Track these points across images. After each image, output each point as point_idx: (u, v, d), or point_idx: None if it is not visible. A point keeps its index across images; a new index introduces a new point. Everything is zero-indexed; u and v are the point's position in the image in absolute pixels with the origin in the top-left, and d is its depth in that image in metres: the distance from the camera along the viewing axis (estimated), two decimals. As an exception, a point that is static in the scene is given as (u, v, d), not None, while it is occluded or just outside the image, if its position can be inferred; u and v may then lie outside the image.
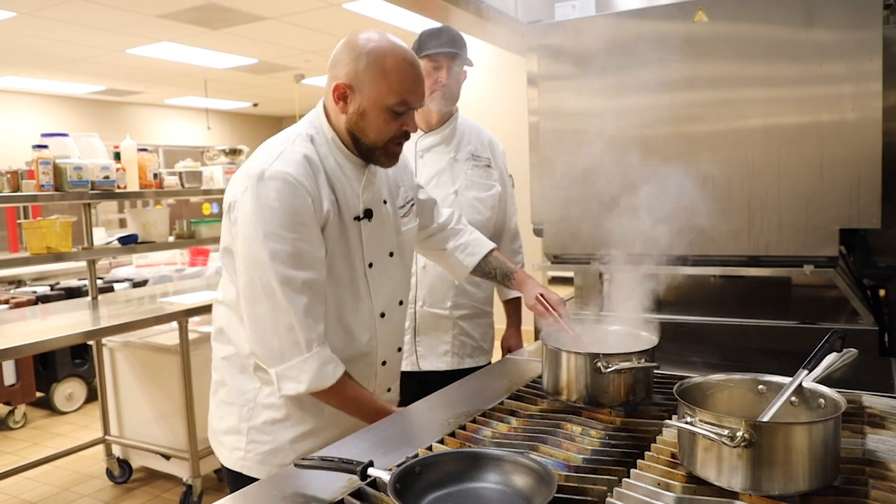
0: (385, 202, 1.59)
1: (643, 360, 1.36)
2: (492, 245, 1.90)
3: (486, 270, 1.88)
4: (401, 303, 1.67)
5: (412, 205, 1.71)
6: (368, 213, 1.52)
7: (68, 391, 4.78)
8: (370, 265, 1.53)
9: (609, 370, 1.33)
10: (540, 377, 1.62)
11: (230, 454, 1.53)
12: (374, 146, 1.47)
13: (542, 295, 1.73)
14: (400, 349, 1.71)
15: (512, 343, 2.43)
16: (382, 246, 1.57)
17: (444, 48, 2.11)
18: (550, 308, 1.68)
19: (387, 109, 1.42)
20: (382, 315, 1.59)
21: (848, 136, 1.87)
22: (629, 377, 1.36)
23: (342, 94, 1.43)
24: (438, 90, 2.15)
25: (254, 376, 1.50)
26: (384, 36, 1.43)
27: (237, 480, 1.52)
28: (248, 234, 1.38)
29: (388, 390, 1.68)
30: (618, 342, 1.53)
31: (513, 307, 2.46)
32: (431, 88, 2.15)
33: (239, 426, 1.51)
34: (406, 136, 1.48)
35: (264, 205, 1.36)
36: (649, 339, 1.48)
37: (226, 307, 1.54)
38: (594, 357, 1.35)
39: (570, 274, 2.44)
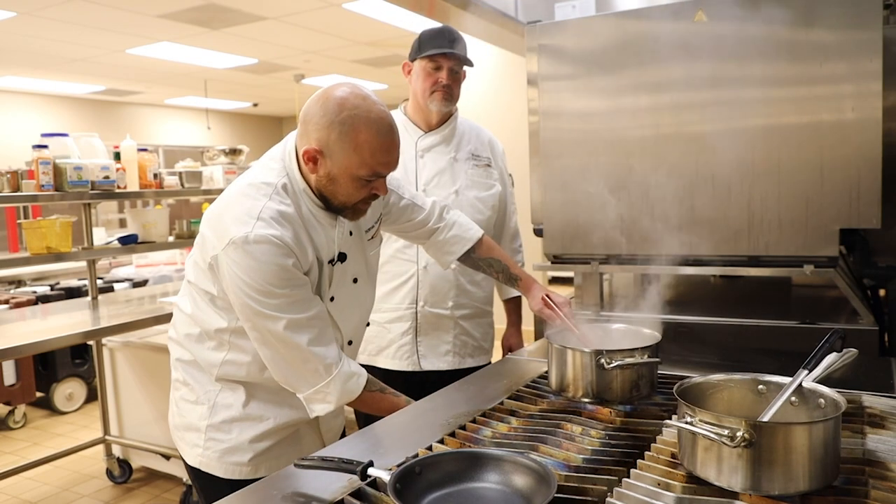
0: (351, 233, 1.58)
1: (646, 356, 1.39)
2: (470, 242, 1.87)
3: (486, 270, 1.90)
4: (368, 324, 1.72)
5: (378, 225, 1.70)
6: (343, 257, 1.54)
7: (68, 391, 4.78)
8: (332, 299, 1.54)
9: (612, 366, 1.36)
10: (541, 377, 1.62)
11: (190, 450, 1.56)
12: (342, 206, 1.47)
13: (547, 296, 1.74)
14: (367, 325, 1.75)
15: (512, 342, 2.43)
16: (346, 278, 1.58)
17: (445, 49, 2.11)
18: (557, 310, 1.69)
19: (357, 179, 1.40)
20: (350, 343, 1.63)
21: (848, 136, 1.87)
22: (633, 373, 1.39)
23: (312, 158, 1.40)
24: (439, 91, 2.14)
25: (212, 379, 1.53)
26: (359, 97, 1.36)
27: (198, 477, 1.56)
28: (240, 293, 1.38)
29: None
30: (622, 339, 1.55)
31: (513, 306, 2.46)
32: (431, 89, 2.14)
33: (198, 424, 1.54)
34: (375, 198, 1.49)
35: (254, 268, 1.35)
36: (652, 335, 1.51)
37: (186, 316, 1.56)
38: (598, 353, 1.39)
39: (570, 274, 2.44)
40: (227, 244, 1.36)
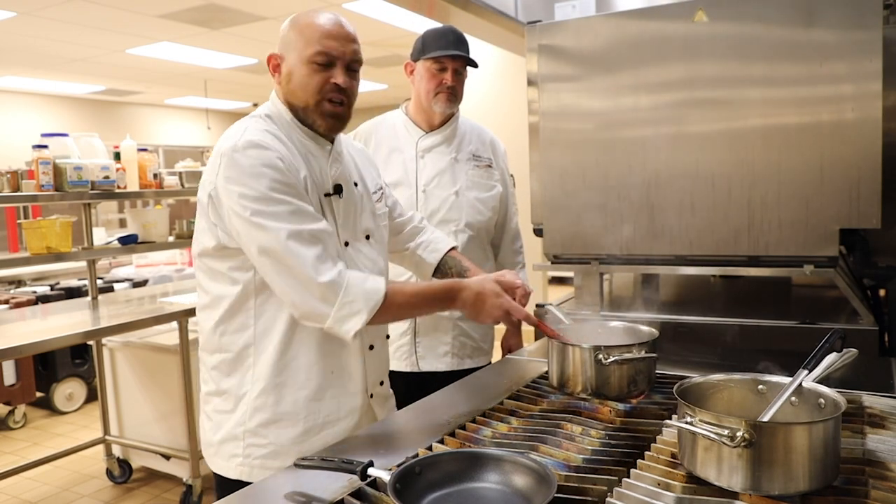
0: (356, 184, 1.59)
1: (643, 352, 1.41)
2: (452, 243, 1.89)
3: (443, 270, 1.83)
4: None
5: (382, 192, 1.72)
6: (338, 189, 1.52)
7: (68, 391, 4.78)
8: (346, 244, 1.52)
9: (610, 361, 1.38)
10: (541, 377, 1.63)
11: (227, 463, 1.49)
12: (306, 107, 1.46)
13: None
14: (388, 337, 1.69)
15: (512, 343, 2.43)
16: (358, 227, 1.56)
17: (450, 50, 2.11)
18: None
19: (308, 63, 1.43)
20: None
21: (848, 136, 1.87)
22: (630, 368, 1.40)
23: (276, 66, 1.47)
24: (443, 92, 2.14)
25: (244, 379, 1.47)
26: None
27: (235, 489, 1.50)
28: (240, 209, 1.35)
29: (381, 383, 1.64)
30: (621, 336, 1.57)
31: None
32: (436, 90, 2.14)
33: (235, 431, 1.48)
34: (337, 90, 1.45)
35: (247, 173, 1.34)
36: (650, 332, 1.52)
37: (207, 311, 1.52)
38: (596, 349, 1.40)
39: (570, 274, 2.44)
40: (219, 165, 1.37)
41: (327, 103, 1.45)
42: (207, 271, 1.50)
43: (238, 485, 1.42)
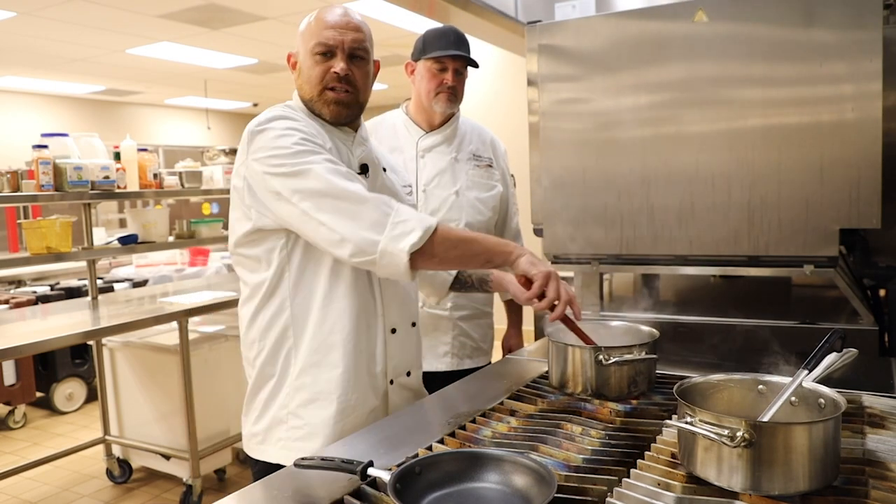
0: (385, 170, 1.61)
1: (644, 353, 1.41)
2: None
3: (462, 280, 1.78)
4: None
5: (411, 189, 1.74)
6: (364, 168, 1.53)
7: (68, 391, 4.78)
8: None
9: (610, 362, 1.39)
10: (541, 377, 1.63)
11: (274, 448, 1.50)
12: (312, 98, 1.49)
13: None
14: (414, 324, 1.64)
15: (512, 343, 2.43)
16: None
17: (451, 50, 2.11)
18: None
19: (311, 55, 1.47)
20: (394, 331, 1.57)
21: (848, 136, 1.87)
22: (630, 369, 1.41)
23: (293, 63, 1.53)
24: (444, 92, 2.14)
25: (287, 362, 1.48)
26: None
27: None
28: (274, 167, 1.36)
29: (408, 374, 1.61)
30: (622, 336, 1.57)
31: (513, 307, 2.46)
32: (437, 90, 2.14)
33: (280, 415, 1.49)
34: (337, 79, 1.46)
35: (275, 137, 1.38)
36: (650, 332, 1.53)
37: (248, 303, 1.52)
38: (596, 350, 1.41)
39: (570, 274, 2.44)
40: (247, 143, 1.40)
41: (329, 92, 1.48)
42: (244, 262, 1.51)
43: (277, 468, 1.38)
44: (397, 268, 1.31)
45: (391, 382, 1.56)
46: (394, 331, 1.57)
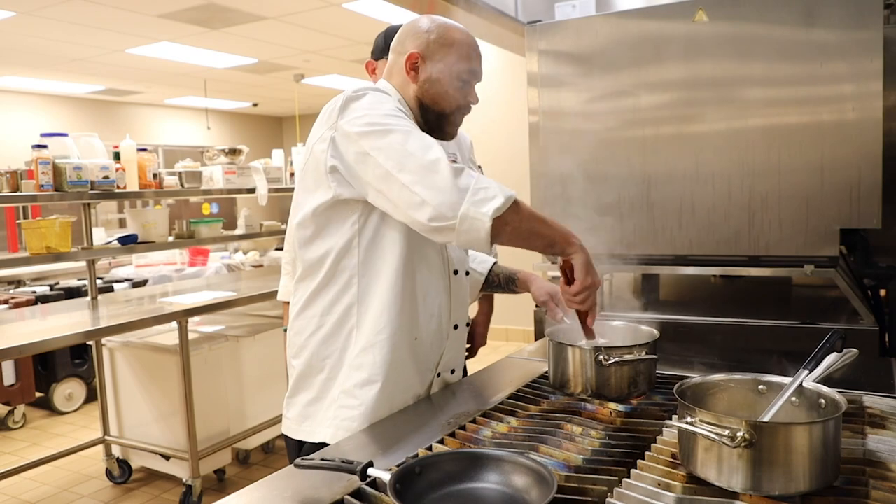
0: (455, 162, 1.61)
1: (644, 353, 1.41)
2: (494, 257, 1.89)
3: (492, 281, 1.84)
4: (467, 273, 1.66)
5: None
6: None
7: (68, 391, 4.78)
8: None
9: (610, 362, 1.39)
10: (541, 377, 1.62)
11: (321, 426, 1.48)
12: (442, 113, 1.50)
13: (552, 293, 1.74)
14: (468, 324, 1.67)
15: (478, 332, 2.37)
16: None
17: None
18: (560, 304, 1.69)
19: (456, 77, 1.48)
20: (455, 273, 1.57)
21: (848, 136, 1.87)
22: (631, 370, 1.41)
23: (413, 64, 1.49)
24: None
25: (347, 341, 1.47)
26: (446, 19, 1.56)
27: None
28: (364, 126, 1.35)
29: (452, 371, 1.63)
30: (622, 336, 1.56)
31: (488, 300, 2.42)
32: None
33: (334, 394, 1.47)
34: (468, 109, 1.53)
35: (364, 107, 1.37)
36: (650, 333, 1.53)
37: (307, 281, 1.50)
38: (596, 350, 1.41)
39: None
40: (338, 110, 1.39)
41: (459, 115, 1.53)
42: (308, 239, 1.47)
43: (320, 447, 1.38)
44: (478, 233, 1.27)
45: (437, 375, 1.58)
46: (456, 327, 1.59)
